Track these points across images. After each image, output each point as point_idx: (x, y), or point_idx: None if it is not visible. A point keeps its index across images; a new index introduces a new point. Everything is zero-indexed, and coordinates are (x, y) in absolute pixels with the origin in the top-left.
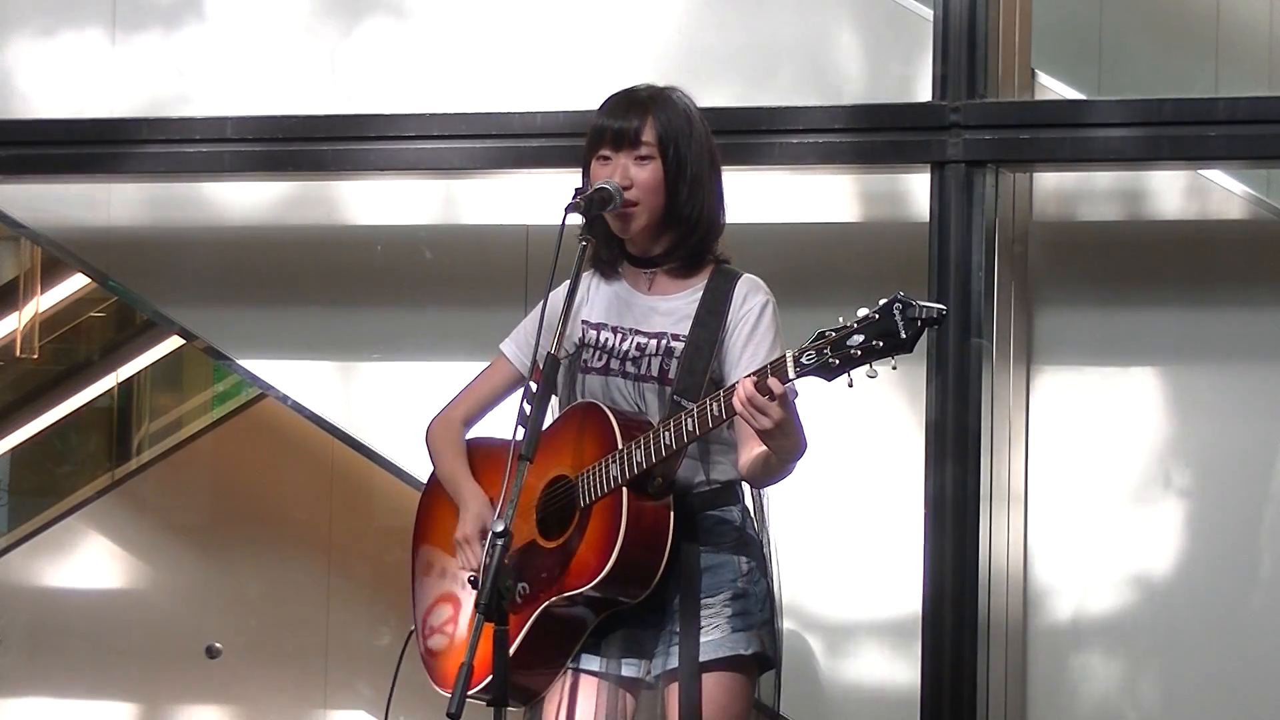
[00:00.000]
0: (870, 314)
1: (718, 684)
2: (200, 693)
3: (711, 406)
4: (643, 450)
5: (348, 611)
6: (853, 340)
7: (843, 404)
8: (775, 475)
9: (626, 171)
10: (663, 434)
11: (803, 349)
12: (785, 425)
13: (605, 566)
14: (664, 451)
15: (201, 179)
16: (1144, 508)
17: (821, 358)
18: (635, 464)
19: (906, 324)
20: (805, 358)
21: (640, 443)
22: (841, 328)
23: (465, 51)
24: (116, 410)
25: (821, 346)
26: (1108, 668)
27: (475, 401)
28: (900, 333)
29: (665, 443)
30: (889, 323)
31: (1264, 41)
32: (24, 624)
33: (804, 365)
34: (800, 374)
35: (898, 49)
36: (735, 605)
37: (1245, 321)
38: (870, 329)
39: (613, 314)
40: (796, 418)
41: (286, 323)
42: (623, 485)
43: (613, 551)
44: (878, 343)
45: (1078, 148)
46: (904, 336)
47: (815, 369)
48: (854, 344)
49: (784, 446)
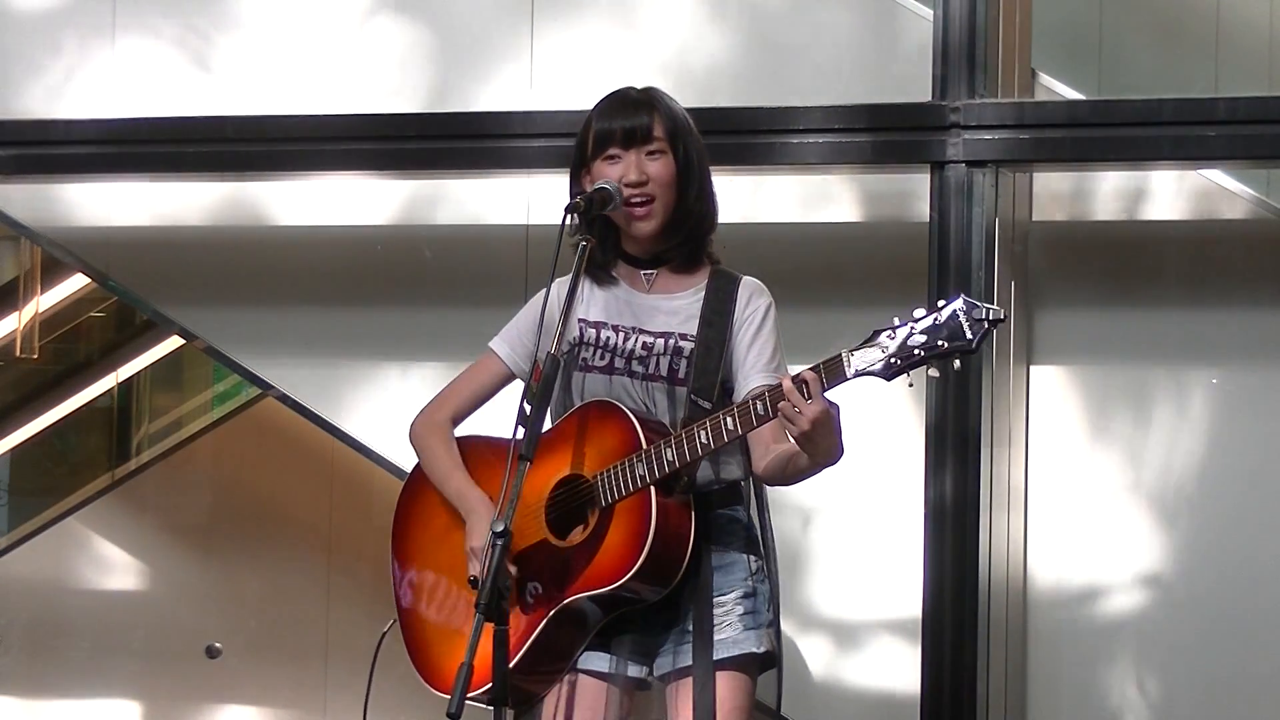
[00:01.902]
0: (932, 315)
1: (730, 683)
2: (200, 693)
3: (756, 406)
4: (674, 449)
5: (348, 611)
6: (915, 340)
7: (843, 404)
8: (797, 478)
9: (642, 167)
10: (698, 433)
11: (858, 347)
12: (823, 426)
13: (635, 564)
14: (700, 451)
15: (202, 179)
16: (1144, 508)
17: (884, 356)
18: (666, 463)
19: (973, 325)
20: (865, 358)
21: (671, 442)
22: (900, 326)
23: (465, 51)
24: (116, 410)
25: (882, 346)
26: (1108, 668)
27: (462, 400)
28: (966, 333)
29: (702, 441)
30: (954, 324)
31: (1264, 41)
32: (24, 624)
33: (861, 365)
34: (859, 373)
35: (898, 49)
36: (746, 604)
37: (1245, 321)
38: (935, 331)
39: (612, 313)
40: (837, 422)
41: (286, 323)
42: (651, 484)
43: (642, 549)
44: (943, 344)
45: (1078, 148)
46: (970, 337)
47: (877, 370)
48: (917, 344)
49: (820, 450)
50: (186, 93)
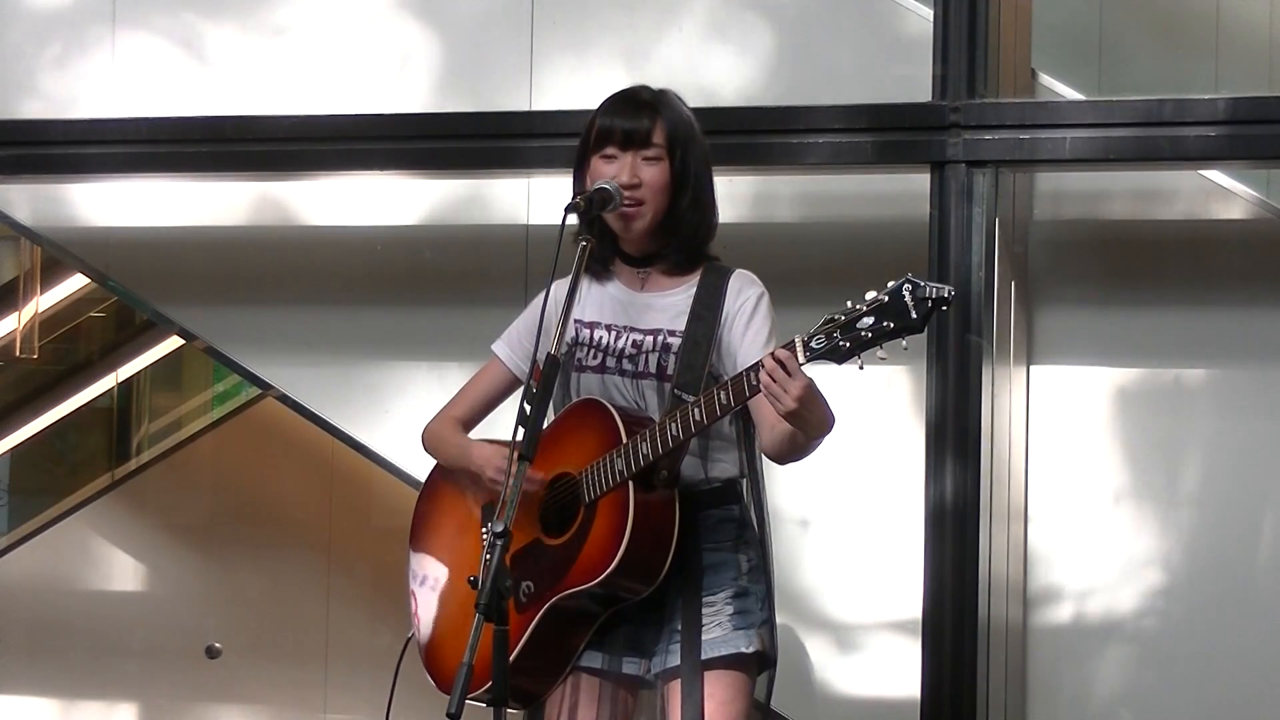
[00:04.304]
0: (879, 296)
1: (719, 682)
2: (200, 693)
3: (719, 395)
4: (649, 443)
5: (348, 611)
6: (862, 323)
7: (843, 404)
8: (803, 452)
9: (636, 170)
10: (669, 425)
11: (811, 333)
12: (809, 402)
13: (613, 560)
14: (670, 443)
15: (202, 179)
16: (1144, 508)
17: (831, 341)
18: (641, 456)
19: (917, 304)
20: (815, 341)
21: (646, 435)
22: (851, 311)
23: (466, 51)
24: (116, 410)
25: (830, 330)
26: (1108, 669)
27: (471, 404)
28: (911, 313)
29: (672, 433)
30: (899, 304)
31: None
32: (24, 624)
33: (814, 349)
34: (810, 358)
35: (898, 49)
36: (736, 604)
37: (1245, 321)
38: (880, 311)
39: (607, 312)
40: (819, 394)
41: (286, 323)
42: (628, 479)
43: (620, 545)
44: (888, 324)
45: (1078, 148)
46: (914, 317)
47: (825, 353)
48: (864, 326)
49: (810, 424)
50: (187, 92)
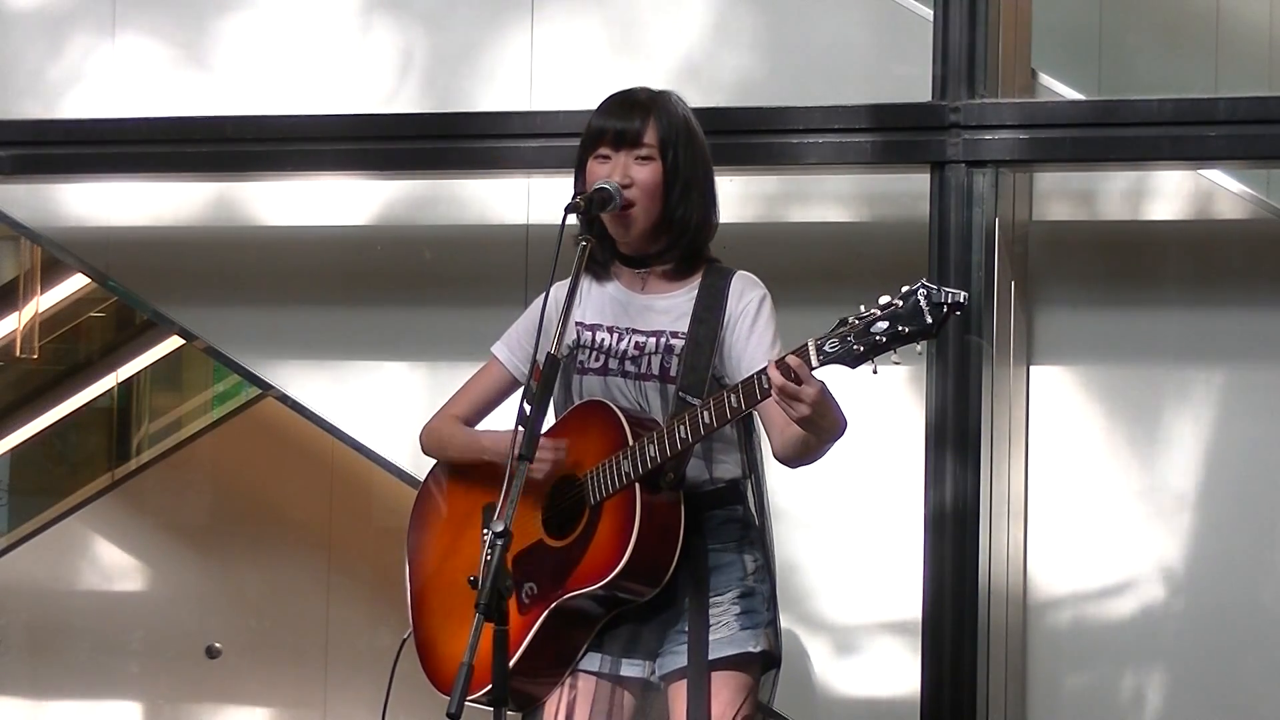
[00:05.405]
0: (894, 301)
1: (725, 682)
2: (200, 693)
3: (730, 398)
4: (656, 445)
5: (348, 611)
6: (877, 327)
7: (843, 405)
8: (814, 455)
9: (627, 170)
10: (678, 428)
11: (824, 337)
12: (821, 406)
13: (620, 561)
14: (679, 445)
15: (201, 179)
16: (1145, 509)
17: (845, 345)
18: (649, 459)
19: (932, 309)
20: (829, 345)
21: (654, 438)
22: (864, 315)
23: (465, 51)
24: (116, 410)
25: (845, 334)
26: (1108, 670)
27: (469, 405)
28: (926, 317)
29: (681, 436)
30: (914, 308)
31: (1264, 41)
32: (24, 624)
33: (827, 353)
34: (824, 362)
35: (898, 49)
36: (742, 604)
37: (1245, 321)
38: (895, 316)
39: (608, 314)
40: (831, 398)
41: (286, 323)
42: (635, 481)
43: (627, 547)
44: (903, 329)
45: (1078, 148)
46: (930, 322)
47: (839, 356)
48: (879, 331)
49: (822, 428)
50: (186, 93)
